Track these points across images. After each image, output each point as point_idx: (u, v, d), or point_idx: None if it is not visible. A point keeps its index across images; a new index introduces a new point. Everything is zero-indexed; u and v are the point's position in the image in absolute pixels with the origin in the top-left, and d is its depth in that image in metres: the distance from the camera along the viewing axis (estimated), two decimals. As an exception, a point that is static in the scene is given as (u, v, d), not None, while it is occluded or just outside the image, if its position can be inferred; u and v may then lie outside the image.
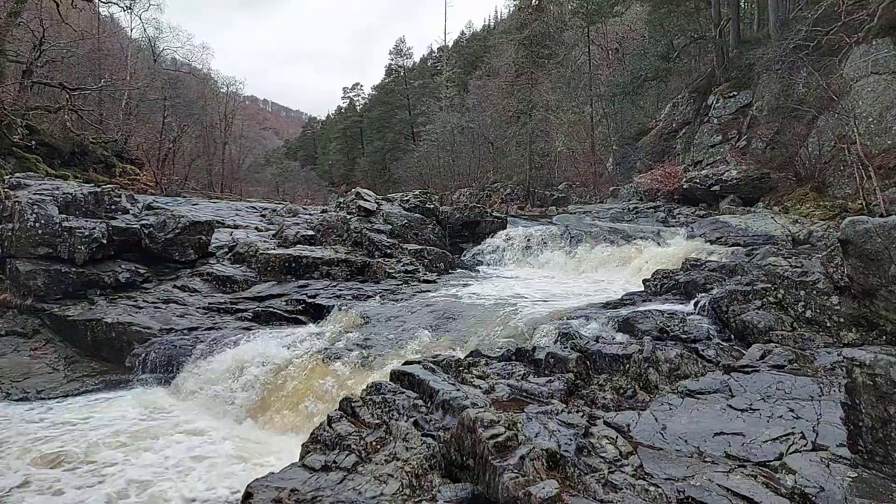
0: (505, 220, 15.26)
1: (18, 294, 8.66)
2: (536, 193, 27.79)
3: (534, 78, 33.40)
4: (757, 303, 5.59)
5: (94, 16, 29.31)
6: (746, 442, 3.22)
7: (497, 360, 5.20)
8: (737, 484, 2.77)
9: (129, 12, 29.62)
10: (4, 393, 6.96)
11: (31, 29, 20.14)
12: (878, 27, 14.76)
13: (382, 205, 13.84)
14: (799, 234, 11.93)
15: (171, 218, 10.48)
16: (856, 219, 4.56)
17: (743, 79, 20.93)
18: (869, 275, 4.44)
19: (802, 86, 16.81)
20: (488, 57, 44.84)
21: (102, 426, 5.95)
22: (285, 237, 11.74)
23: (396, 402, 4.22)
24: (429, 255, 11.77)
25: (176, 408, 6.59)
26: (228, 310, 8.82)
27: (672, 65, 25.75)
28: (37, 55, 19.81)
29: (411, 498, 3.08)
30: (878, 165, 12.79)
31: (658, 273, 7.99)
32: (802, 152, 15.34)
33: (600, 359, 4.90)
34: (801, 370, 4.18)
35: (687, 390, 4.00)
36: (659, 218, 16.06)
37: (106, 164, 22.66)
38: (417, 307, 8.20)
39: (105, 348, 8.04)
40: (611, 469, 2.98)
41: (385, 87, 63.32)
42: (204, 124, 38.82)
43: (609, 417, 3.68)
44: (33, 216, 8.92)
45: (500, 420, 3.22)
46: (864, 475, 2.78)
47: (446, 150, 37.53)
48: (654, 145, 25.07)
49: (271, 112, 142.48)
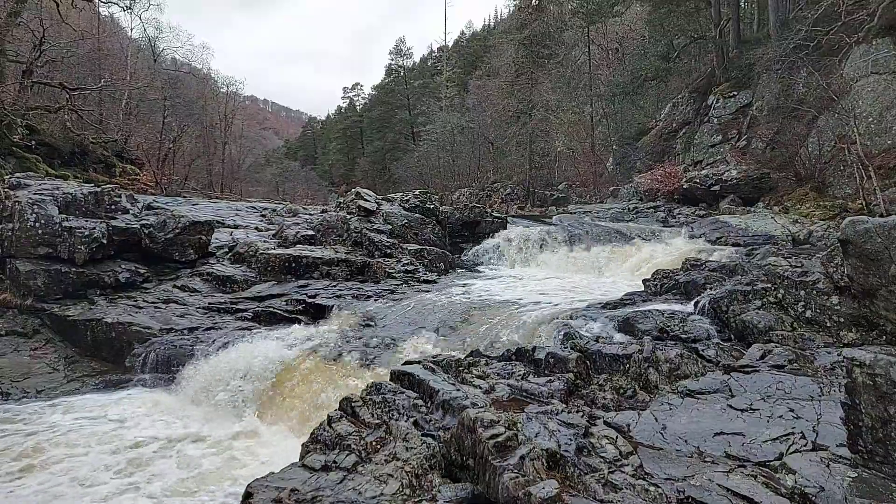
0: (505, 220, 15.24)
1: (18, 294, 8.65)
2: (536, 193, 27.80)
3: (534, 78, 33.39)
4: (757, 303, 5.59)
5: (94, 16, 29.32)
6: (746, 442, 3.22)
7: (497, 360, 5.19)
8: (737, 484, 2.76)
9: (129, 12, 29.65)
10: (4, 393, 6.96)
11: (31, 29, 20.14)
12: (878, 27, 14.76)
13: (382, 205, 13.83)
14: (799, 234, 11.93)
15: (171, 218, 10.48)
16: (856, 219, 4.55)
17: (743, 79, 20.92)
18: (869, 275, 4.44)
19: (802, 86, 16.81)
20: (488, 57, 44.84)
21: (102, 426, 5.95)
22: (285, 237, 11.73)
23: (396, 402, 4.22)
24: (429, 255, 11.77)
25: (176, 407, 6.59)
26: (228, 310, 8.82)
27: (672, 65, 25.74)
28: (37, 55, 19.81)
29: (411, 498, 3.08)
30: (878, 165, 12.79)
31: (658, 273, 7.98)
32: (802, 152, 15.34)
33: (600, 359, 4.90)
34: (801, 370, 4.18)
35: (687, 390, 4.00)
36: (659, 218, 16.05)
37: (106, 164, 22.66)
38: (417, 307, 8.20)
39: (105, 348, 8.05)
40: (611, 469, 2.98)
41: (385, 86, 63.34)
42: (204, 124, 38.83)
43: (609, 417, 3.68)
44: (33, 216, 8.92)
45: (500, 420, 3.22)
46: (864, 475, 2.78)
47: (446, 150, 37.56)
48: (654, 145, 25.07)
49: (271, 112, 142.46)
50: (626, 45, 32.75)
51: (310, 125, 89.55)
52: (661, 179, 18.83)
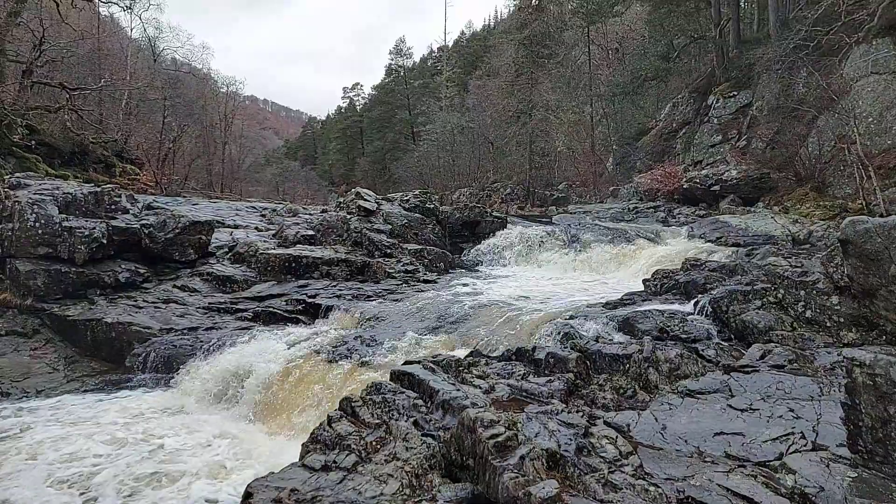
0: (505, 220, 15.25)
1: (18, 294, 8.65)
2: (536, 193, 27.79)
3: (534, 78, 33.37)
4: (757, 303, 5.59)
5: (94, 16, 29.30)
6: (746, 442, 3.22)
7: (497, 360, 5.19)
8: (737, 484, 2.76)
9: (129, 12, 29.67)
10: (4, 393, 6.97)
11: (31, 29, 20.13)
12: (878, 27, 14.76)
13: (382, 205, 13.83)
14: (799, 234, 11.93)
15: (171, 218, 10.48)
16: (856, 219, 4.56)
17: (743, 79, 20.93)
18: (869, 275, 4.44)
19: (802, 86, 16.81)
20: (488, 57, 44.82)
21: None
22: (285, 237, 11.73)
23: (396, 402, 4.21)
24: (429, 255, 11.77)
25: (175, 407, 6.59)
26: (228, 310, 8.82)
27: (672, 65, 25.75)
28: (37, 55, 19.80)
29: (411, 498, 3.08)
30: (878, 165, 12.78)
31: (658, 273, 7.99)
32: (802, 152, 15.34)
33: (600, 359, 4.89)
34: (801, 370, 4.18)
35: (687, 390, 4.00)
36: (659, 218, 16.06)
37: (106, 164, 22.66)
38: (417, 307, 8.20)
39: (105, 348, 8.04)
40: (611, 469, 2.98)
41: (385, 86, 63.36)
42: (204, 124, 38.85)
43: (609, 417, 3.68)
44: (33, 216, 8.92)
45: (500, 420, 3.22)
46: (864, 475, 2.78)
47: (446, 150, 37.55)
48: (654, 145, 25.08)
49: (271, 112, 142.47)
50: (626, 45, 32.77)
51: (310, 125, 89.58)
52: (661, 179, 18.84)
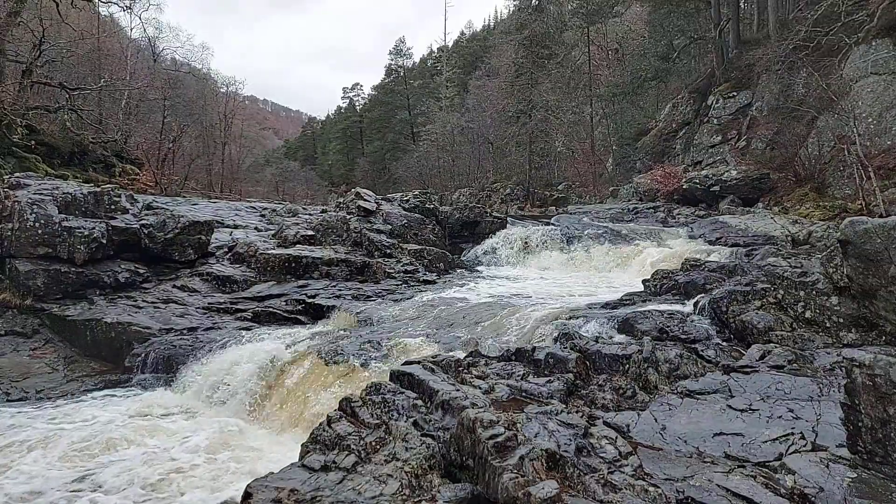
0: (504, 220, 15.26)
1: (18, 294, 8.65)
2: (536, 193, 27.79)
3: (534, 78, 33.36)
4: (756, 303, 5.58)
5: (94, 16, 29.26)
6: (746, 442, 3.22)
7: (497, 361, 5.18)
8: (736, 484, 2.76)
9: (129, 12, 29.58)
10: (4, 393, 6.96)
11: (30, 29, 20.12)
12: (877, 27, 14.77)
13: (382, 205, 13.84)
14: (798, 234, 11.92)
15: (170, 218, 10.47)
16: (855, 219, 4.55)
17: (743, 79, 20.94)
18: (868, 275, 4.44)
19: (802, 86, 16.83)
20: (488, 57, 44.87)
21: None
22: (285, 237, 11.73)
23: (396, 403, 4.21)
24: (428, 256, 11.77)
25: (176, 407, 6.59)
26: (228, 310, 8.82)
27: (672, 65, 25.78)
28: (37, 55, 19.80)
29: (411, 498, 3.08)
30: (877, 166, 12.79)
31: (658, 273, 7.98)
32: (802, 152, 15.35)
33: (600, 359, 4.89)
34: (801, 370, 4.18)
35: (686, 390, 4.00)
36: (659, 218, 16.06)
37: (106, 164, 22.65)
38: (417, 307, 8.20)
39: (105, 348, 8.04)
40: (610, 469, 2.98)
41: (385, 87, 63.36)
42: (204, 124, 38.81)
43: (609, 417, 3.68)
44: (33, 216, 8.91)
45: (499, 420, 3.22)
46: (863, 475, 2.78)
47: (446, 150, 37.58)
48: (653, 145, 25.09)
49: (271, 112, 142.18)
50: (625, 46, 32.78)
51: (310, 125, 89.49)
52: (661, 180, 18.86)
